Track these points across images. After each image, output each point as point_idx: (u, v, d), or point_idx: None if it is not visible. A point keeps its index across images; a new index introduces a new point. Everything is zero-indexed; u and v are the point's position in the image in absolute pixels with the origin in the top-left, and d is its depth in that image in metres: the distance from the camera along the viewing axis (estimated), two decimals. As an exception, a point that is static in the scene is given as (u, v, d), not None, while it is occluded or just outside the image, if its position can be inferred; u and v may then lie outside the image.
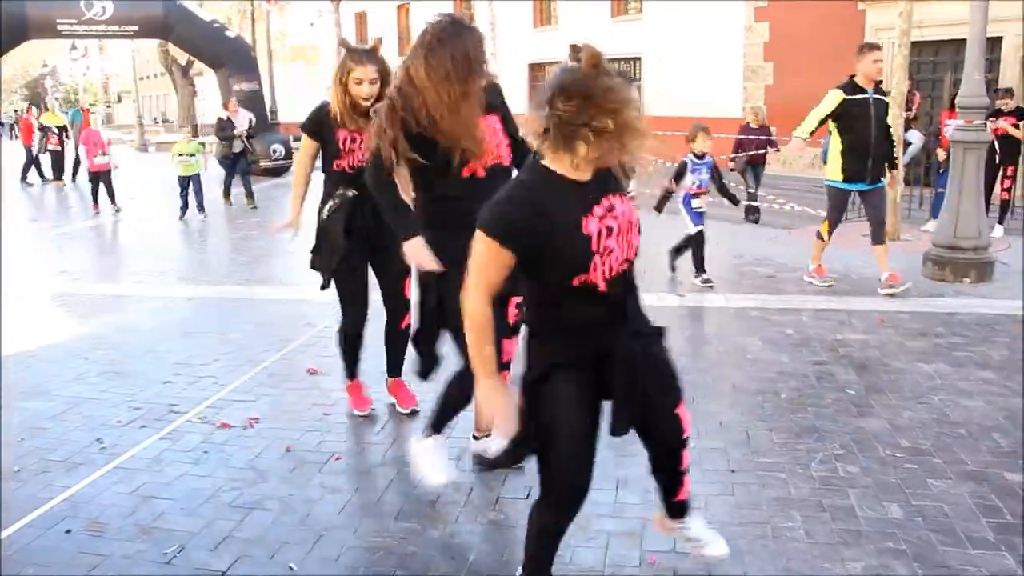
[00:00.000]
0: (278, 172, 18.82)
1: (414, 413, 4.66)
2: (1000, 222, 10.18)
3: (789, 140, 7.82)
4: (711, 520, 3.43)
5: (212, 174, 14.30)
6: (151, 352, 5.89)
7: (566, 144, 2.37)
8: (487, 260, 2.40)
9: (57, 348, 6.06)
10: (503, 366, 2.90)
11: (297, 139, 17.13)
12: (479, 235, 2.39)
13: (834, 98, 7.16)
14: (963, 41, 7.88)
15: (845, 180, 7.16)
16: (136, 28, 18.75)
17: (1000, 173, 10.25)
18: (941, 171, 10.00)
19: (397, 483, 3.84)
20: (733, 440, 4.22)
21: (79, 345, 6.09)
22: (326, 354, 5.78)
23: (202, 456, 4.18)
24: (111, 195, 13.85)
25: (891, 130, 7.38)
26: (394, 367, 4.78)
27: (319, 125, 4.31)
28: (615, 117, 2.31)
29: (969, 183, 7.64)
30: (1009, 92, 10.62)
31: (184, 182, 12.90)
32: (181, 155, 12.96)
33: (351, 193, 4.28)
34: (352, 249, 4.32)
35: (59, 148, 18.76)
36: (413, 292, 3.79)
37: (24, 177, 19.28)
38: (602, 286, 2.44)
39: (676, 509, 2.94)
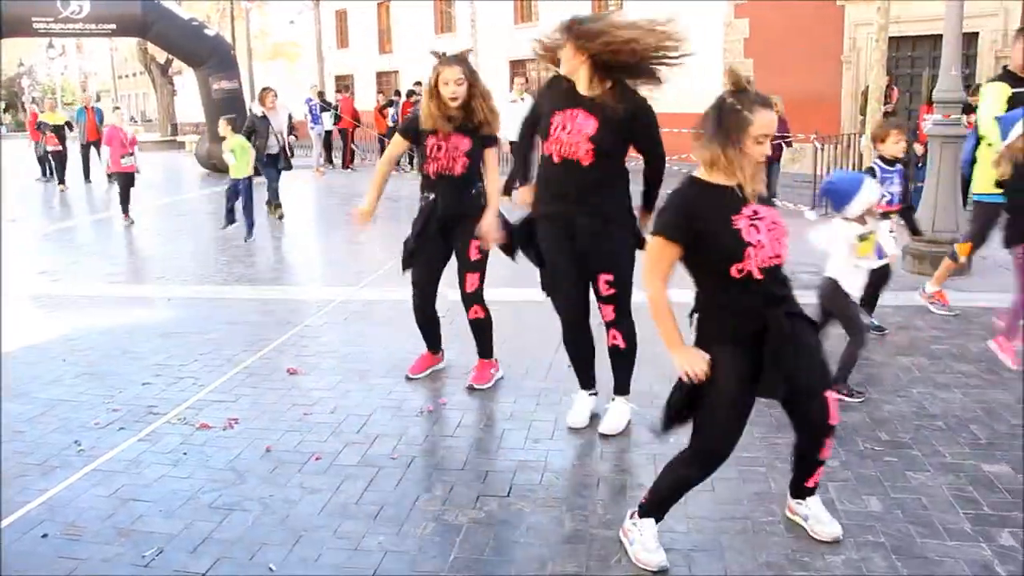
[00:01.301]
0: (257, 171, 18.70)
1: (472, 389, 5.03)
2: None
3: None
4: (691, 516, 3.45)
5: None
6: (129, 353, 5.85)
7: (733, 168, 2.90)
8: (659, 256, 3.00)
9: (34, 350, 6.00)
10: None
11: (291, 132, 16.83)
12: (652, 237, 3.00)
13: (1000, 92, 6.21)
14: (940, 37, 7.94)
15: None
16: (114, 26, 18.61)
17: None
18: (919, 165, 10.06)
19: (377, 483, 3.83)
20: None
21: (57, 347, 6.04)
22: (306, 354, 5.77)
23: (181, 457, 4.15)
24: (125, 203, 12.32)
25: None
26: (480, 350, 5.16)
27: (414, 130, 4.83)
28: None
29: (946, 177, 7.70)
30: None
31: (233, 189, 10.68)
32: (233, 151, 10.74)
33: (431, 197, 4.86)
34: (424, 245, 4.91)
35: (60, 148, 17.75)
36: None
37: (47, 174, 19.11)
38: (757, 274, 2.89)
39: (803, 492, 3.32)
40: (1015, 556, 3.12)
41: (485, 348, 5.13)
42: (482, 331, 5.07)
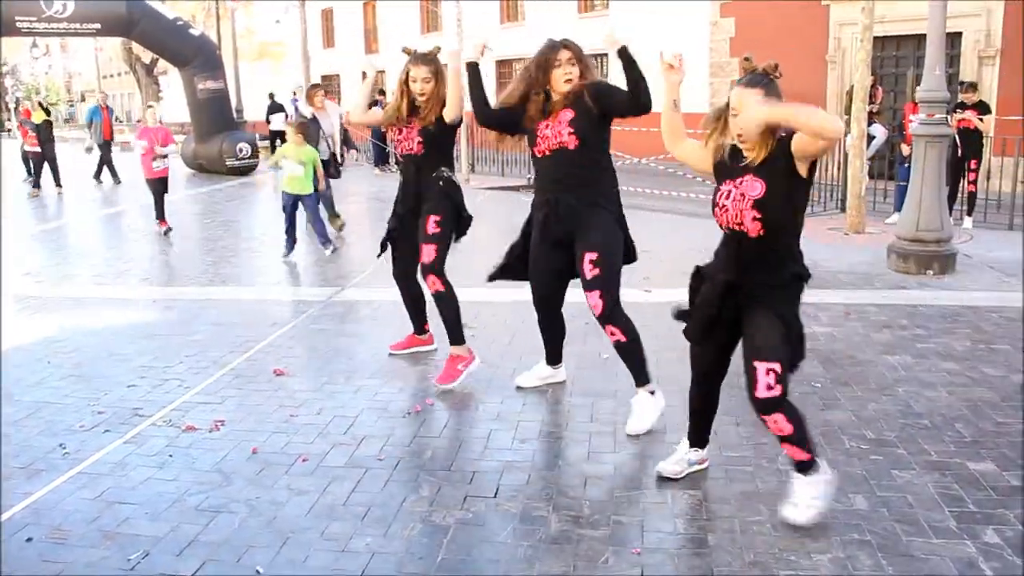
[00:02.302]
0: (245, 171, 18.68)
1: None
2: (969, 214, 10.33)
3: None
4: (678, 515, 3.46)
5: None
6: (115, 355, 5.82)
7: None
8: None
9: (19, 352, 5.96)
10: None
11: (264, 138, 16.79)
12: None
13: None
14: (924, 36, 7.97)
15: None
16: (98, 26, 18.48)
17: (965, 167, 10.41)
18: (905, 164, 10.11)
19: (364, 484, 3.82)
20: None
21: (41, 349, 6.00)
22: (292, 355, 5.76)
23: (167, 460, 4.13)
24: (160, 209, 11.07)
25: None
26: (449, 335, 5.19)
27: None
28: None
29: (931, 176, 7.74)
30: (973, 86, 10.77)
31: (291, 205, 9.02)
32: (290, 162, 8.94)
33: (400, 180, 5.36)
34: (396, 224, 5.30)
35: (37, 149, 16.61)
36: None
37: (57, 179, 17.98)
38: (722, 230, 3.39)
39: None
40: (1000, 553, 3.14)
41: (451, 331, 5.12)
42: (443, 307, 5.09)
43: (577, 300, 6.46)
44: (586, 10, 23.53)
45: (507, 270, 4.89)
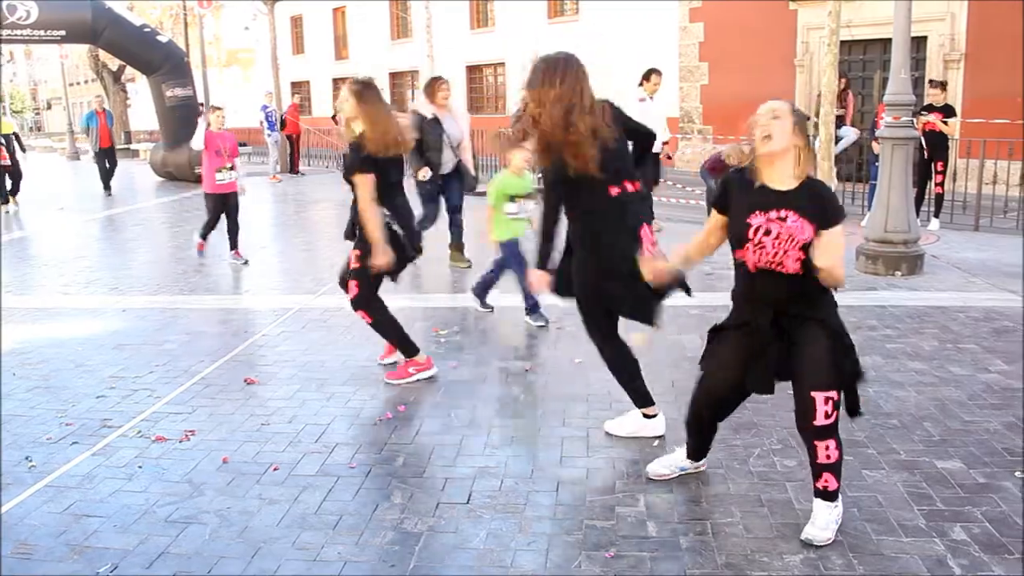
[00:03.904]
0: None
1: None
2: (936, 215, 10.45)
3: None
4: (651, 517, 3.46)
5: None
6: (83, 366, 5.75)
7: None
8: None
9: (-16, 364, 5.88)
10: None
11: (242, 144, 16.34)
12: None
13: None
14: (890, 40, 8.07)
15: None
16: (63, 32, 18.28)
17: (931, 169, 10.52)
18: (876, 164, 10.22)
19: (336, 492, 3.79)
20: (672, 438, 4.25)
21: (7, 360, 5.91)
22: (263, 364, 5.72)
23: (136, 471, 4.08)
24: (234, 233, 9.47)
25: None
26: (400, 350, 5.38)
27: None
28: None
29: (898, 178, 7.83)
30: (943, 85, 10.86)
31: (510, 255, 6.43)
32: (513, 200, 6.38)
33: None
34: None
35: (8, 163, 15.37)
36: None
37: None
38: (751, 268, 3.25)
39: (815, 491, 3.34)
40: (967, 550, 3.17)
41: (402, 348, 5.24)
42: (383, 333, 5.23)
43: (547, 302, 6.47)
44: (556, 15, 23.59)
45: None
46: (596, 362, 4.99)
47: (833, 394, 3.20)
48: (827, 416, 3.19)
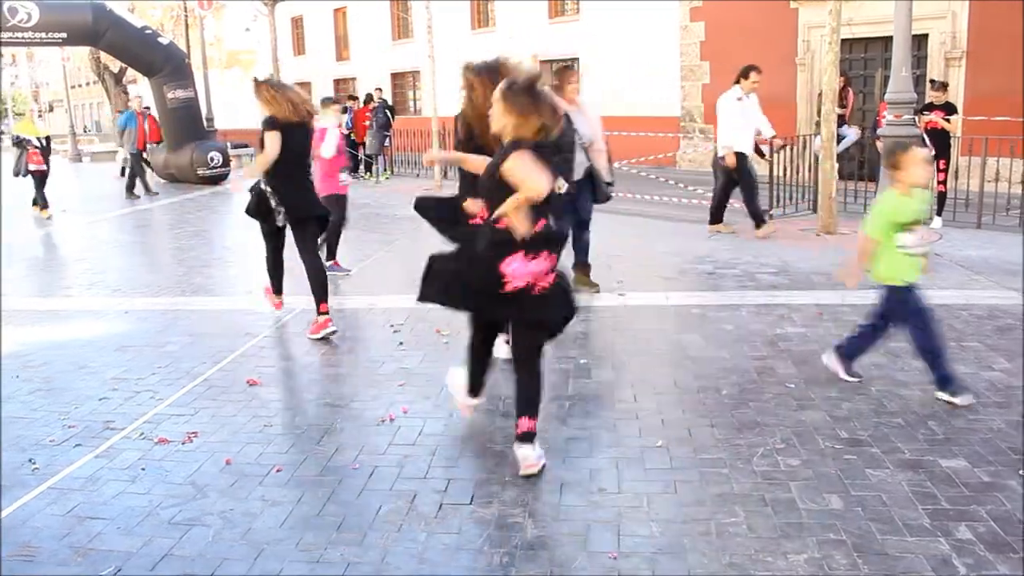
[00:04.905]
0: (215, 180, 18.56)
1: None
2: (938, 214, 10.43)
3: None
4: (654, 518, 3.46)
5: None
6: (85, 368, 5.74)
7: None
8: None
9: (-14, 366, 5.88)
10: None
11: (236, 146, 16.33)
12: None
13: None
14: (891, 38, 8.06)
15: None
16: (64, 35, 18.28)
17: (934, 167, 10.51)
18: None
19: (339, 493, 3.79)
20: (675, 437, 4.24)
21: (9, 363, 5.91)
22: (265, 365, 5.71)
23: (139, 473, 4.08)
24: (332, 251, 8.73)
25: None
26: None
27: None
28: None
29: (900, 177, 7.80)
30: (944, 85, 10.86)
31: (900, 304, 4.90)
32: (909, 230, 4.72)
33: None
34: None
35: (43, 167, 14.39)
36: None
37: None
38: None
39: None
40: (972, 549, 3.16)
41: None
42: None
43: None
44: (557, 15, 23.58)
45: None
46: (601, 363, 5.02)
47: None
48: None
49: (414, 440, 4.37)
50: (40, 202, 14.32)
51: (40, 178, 14.30)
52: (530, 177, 3.66)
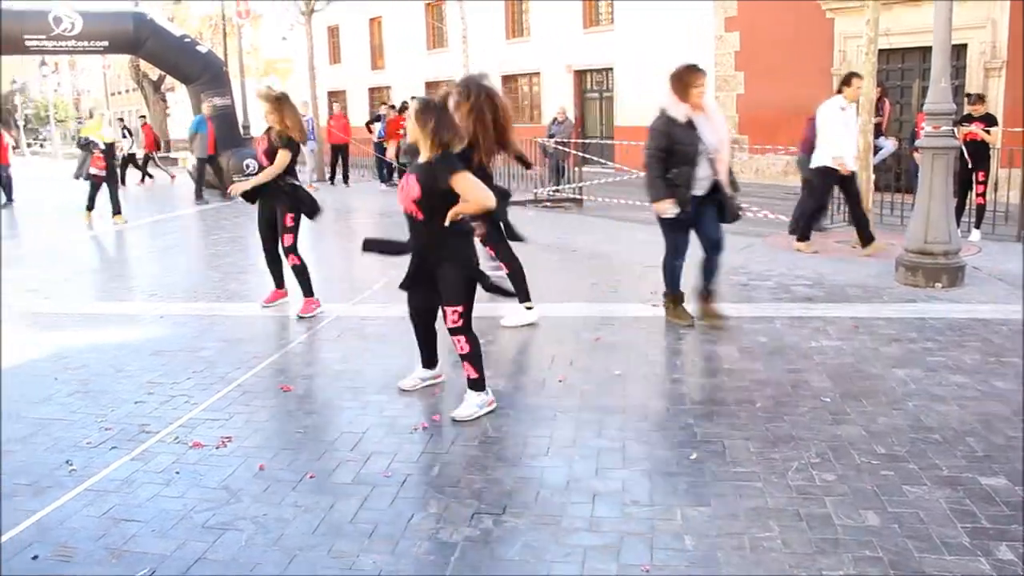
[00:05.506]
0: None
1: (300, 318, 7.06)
2: (977, 226, 10.29)
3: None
4: (688, 532, 3.43)
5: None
6: (121, 371, 5.81)
7: None
8: None
9: (25, 368, 5.97)
10: None
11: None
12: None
13: None
14: (929, 48, 7.96)
15: None
16: (106, 43, 18.60)
17: (973, 179, 10.38)
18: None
19: (371, 501, 3.80)
20: (709, 450, 4.21)
21: (48, 365, 6.00)
22: (299, 371, 5.76)
23: (174, 477, 4.12)
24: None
25: None
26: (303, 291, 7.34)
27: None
28: None
29: (939, 188, 7.71)
30: (980, 98, 10.74)
31: None
32: None
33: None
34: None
35: (103, 172, 14.20)
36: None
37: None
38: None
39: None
40: (1014, 570, 3.10)
41: (307, 289, 7.26)
42: (301, 276, 7.26)
43: (585, 314, 6.47)
44: (591, 24, 23.60)
45: None
46: (635, 374, 4.99)
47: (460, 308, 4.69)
48: (454, 322, 4.70)
49: (446, 448, 4.38)
50: (88, 205, 14.32)
51: (97, 184, 14.24)
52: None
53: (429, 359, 5.28)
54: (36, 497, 3.92)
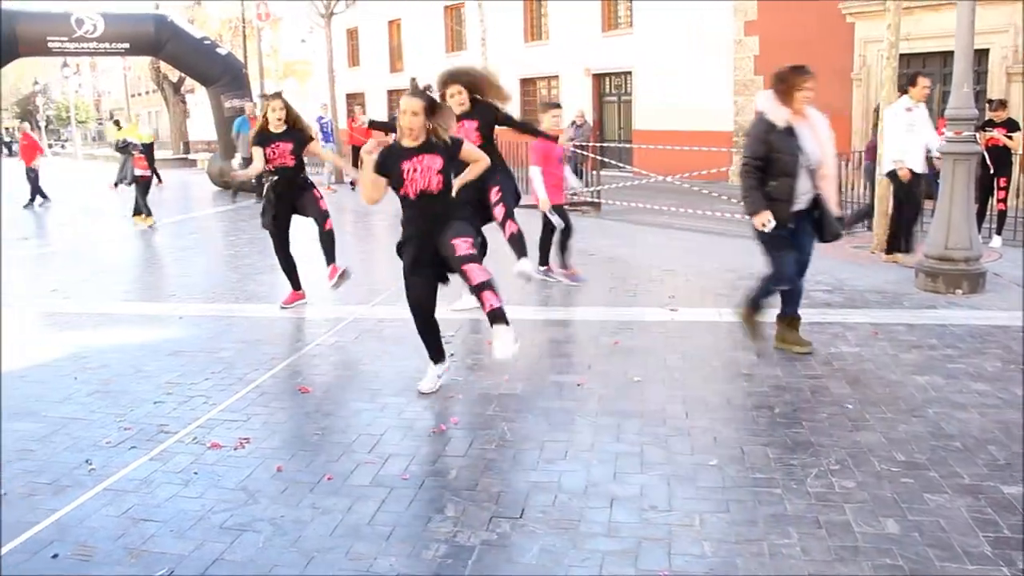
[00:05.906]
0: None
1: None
2: (998, 233, 10.20)
3: None
4: (707, 538, 3.41)
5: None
6: (141, 371, 5.85)
7: None
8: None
9: (45, 367, 6.01)
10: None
11: None
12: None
13: None
14: (950, 53, 7.90)
15: None
16: (127, 45, 18.76)
17: (994, 184, 10.29)
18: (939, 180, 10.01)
19: (389, 503, 3.80)
20: (728, 456, 4.19)
21: (68, 365, 6.04)
22: (317, 373, 5.77)
23: (192, 477, 4.14)
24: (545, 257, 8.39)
25: None
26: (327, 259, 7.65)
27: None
28: None
29: (960, 194, 7.65)
30: (1002, 103, 10.65)
31: None
32: None
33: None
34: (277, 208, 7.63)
35: (148, 173, 14.27)
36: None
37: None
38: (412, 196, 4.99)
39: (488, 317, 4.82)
40: (1036, 580, 3.07)
41: (331, 256, 7.62)
42: (331, 242, 7.60)
43: (603, 318, 6.46)
44: (610, 27, 23.57)
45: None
46: (653, 379, 4.97)
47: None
48: (468, 249, 4.86)
49: (464, 452, 4.38)
50: (144, 210, 13.96)
51: (145, 185, 14.04)
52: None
53: (436, 353, 5.30)
54: (56, 496, 3.95)
